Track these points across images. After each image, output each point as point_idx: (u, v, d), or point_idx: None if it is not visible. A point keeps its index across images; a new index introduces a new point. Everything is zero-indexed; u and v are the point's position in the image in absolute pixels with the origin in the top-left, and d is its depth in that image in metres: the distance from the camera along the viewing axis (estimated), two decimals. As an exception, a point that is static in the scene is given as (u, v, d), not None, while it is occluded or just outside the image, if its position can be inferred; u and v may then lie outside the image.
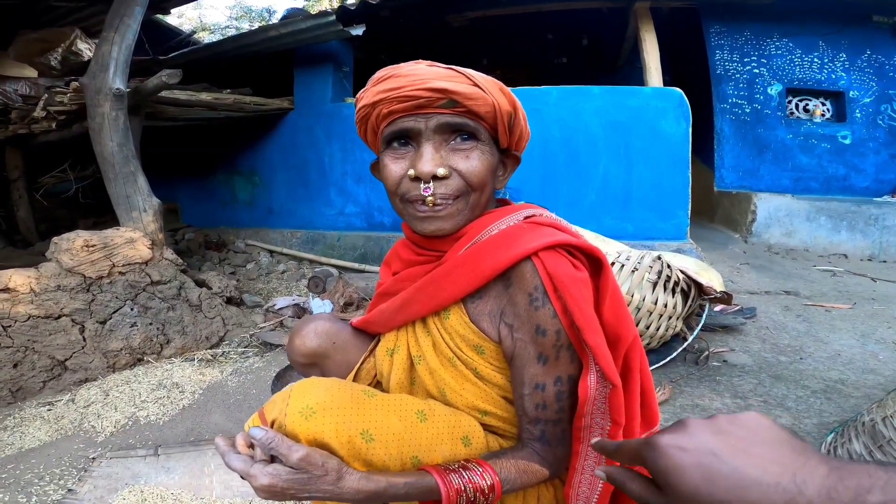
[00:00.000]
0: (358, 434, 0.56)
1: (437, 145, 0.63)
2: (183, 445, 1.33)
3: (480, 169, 0.64)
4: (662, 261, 1.47)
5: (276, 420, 0.57)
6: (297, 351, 0.79)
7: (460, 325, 0.66)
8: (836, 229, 3.81)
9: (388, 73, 0.65)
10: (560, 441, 0.64)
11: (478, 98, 0.62)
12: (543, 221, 0.67)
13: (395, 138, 0.65)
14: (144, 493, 1.12)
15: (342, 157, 3.63)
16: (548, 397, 0.62)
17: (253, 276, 3.10)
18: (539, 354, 0.62)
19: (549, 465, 0.64)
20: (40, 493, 1.13)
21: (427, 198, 0.62)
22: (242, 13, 12.66)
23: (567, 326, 0.60)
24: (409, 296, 0.69)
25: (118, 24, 2.11)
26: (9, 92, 2.38)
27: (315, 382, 0.59)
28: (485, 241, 0.65)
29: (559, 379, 0.62)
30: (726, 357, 1.81)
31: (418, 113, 0.62)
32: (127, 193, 2.14)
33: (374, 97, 0.64)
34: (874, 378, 1.64)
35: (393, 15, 4.05)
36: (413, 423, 0.60)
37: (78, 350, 1.79)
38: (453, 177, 0.63)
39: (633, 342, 0.64)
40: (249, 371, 1.84)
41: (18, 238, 3.72)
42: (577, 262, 0.62)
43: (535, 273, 0.60)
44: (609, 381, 0.59)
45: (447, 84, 0.61)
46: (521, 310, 0.62)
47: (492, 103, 0.63)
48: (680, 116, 3.09)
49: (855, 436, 1.07)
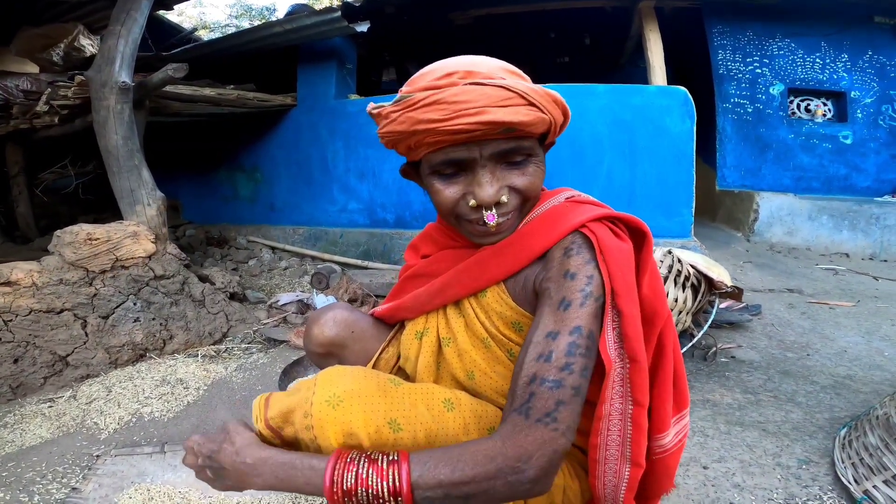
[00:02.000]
0: (386, 423, 0.54)
1: (493, 169, 0.58)
2: (189, 441, 1.32)
3: (536, 182, 0.62)
4: (673, 255, 1.46)
5: (300, 409, 0.55)
6: (315, 340, 0.78)
7: (498, 302, 0.64)
8: (837, 228, 3.82)
9: (428, 97, 0.55)
10: (548, 419, 0.49)
11: (537, 123, 0.57)
12: (584, 200, 0.66)
13: (444, 166, 0.60)
14: (151, 491, 1.09)
15: (345, 154, 3.62)
16: (557, 347, 0.52)
17: (255, 273, 3.09)
18: (562, 299, 0.55)
19: (512, 459, 0.47)
20: (43, 492, 1.11)
21: (490, 225, 0.60)
22: (243, 11, 12.63)
23: (607, 289, 0.57)
24: (449, 278, 0.67)
25: (125, 17, 2.10)
26: (10, 87, 2.36)
27: (341, 371, 0.58)
28: (532, 221, 0.64)
29: (577, 329, 0.53)
30: (734, 353, 1.81)
31: (470, 141, 0.56)
32: (131, 187, 2.12)
33: (413, 126, 0.56)
34: (881, 374, 1.64)
35: (397, 12, 4.04)
36: (441, 412, 0.59)
37: (80, 345, 1.77)
38: (511, 195, 0.61)
39: (667, 320, 0.62)
40: (254, 367, 1.83)
41: (18, 234, 3.69)
42: (621, 234, 0.61)
43: (579, 236, 0.59)
44: (630, 354, 0.55)
45: (505, 115, 0.54)
46: (554, 263, 0.59)
47: (549, 121, 0.59)
48: (684, 115, 3.09)
49: (870, 429, 1.07)
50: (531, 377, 0.52)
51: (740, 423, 1.31)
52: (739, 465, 1.12)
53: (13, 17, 2.99)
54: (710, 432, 1.26)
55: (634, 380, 0.56)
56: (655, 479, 0.64)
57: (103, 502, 1.07)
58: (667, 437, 0.63)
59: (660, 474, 0.64)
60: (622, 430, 0.58)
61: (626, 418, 0.58)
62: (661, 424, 0.62)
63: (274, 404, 0.58)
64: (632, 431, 0.58)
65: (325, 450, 0.54)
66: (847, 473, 1.02)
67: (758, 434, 1.25)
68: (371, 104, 0.63)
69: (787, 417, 1.34)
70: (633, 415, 0.57)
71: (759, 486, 1.04)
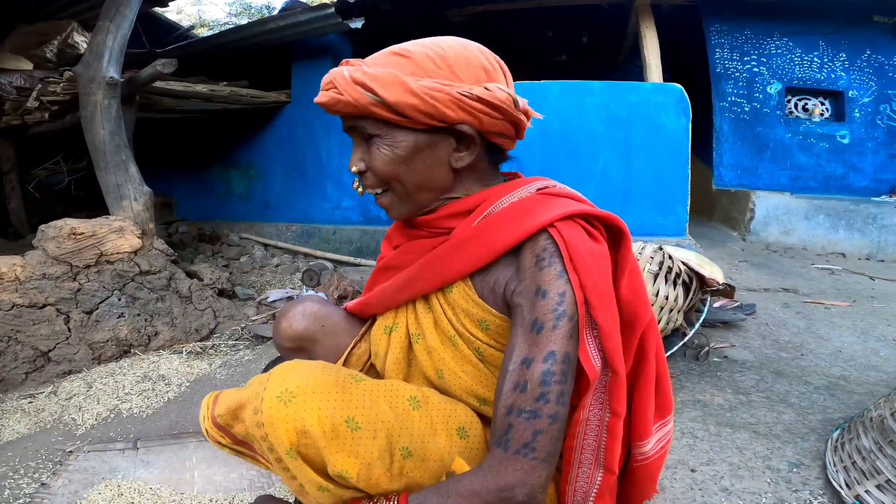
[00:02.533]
0: (343, 421, 0.51)
1: (358, 143, 0.64)
2: (163, 438, 1.29)
3: (378, 164, 0.61)
4: (664, 252, 1.43)
5: (250, 405, 0.52)
6: (284, 334, 0.75)
7: (464, 299, 0.61)
8: (834, 228, 3.80)
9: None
10: (527, 449, 0.50)
11: (335, 102, 0.60)
12: (558, 192, 0.62)
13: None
14: (122, 487, 1.07)
15: (339, 152, 3.60)
16: (531, 377, 0.52)
17: (246, 270, 3.06)
18: (534, 321, 0.54)
19: (495, 491, 0.49)
20: (13, 487, 1.09)
21: (357, 189, 0.66)
22: (242, 9, 12.59)
23: (580, 302, 0.54)
24: (413, 273, 0.65)
25: (114, 13, 2.08)
26: (3, 84, 2.34)
27: (297, 365, 0.55)
28: (496, 214, 0.61)
29: (551, 355, 0.52)
30: (727, 353, 1.78)
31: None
32: (118, 182, 2.10)
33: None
34: (876, 375, 1.62)
35: (393, 9, 4.02)
36: (405, 410, 0.56)
37: (62, 341, 1.74)
38: (368, 172, 0.64)
39: (649, 324, 0.59)
40: (239, 364, 1.80)
41: (10, 230, 3.67)
42: (596, 233, 0.58)
43: (549, 239, 0.56)
44: (610, 367, 0.54)
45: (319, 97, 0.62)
46: (525, 272, 0.56)
47: (347, 101, 0.59)
48: (680, 112, 3.06)
49: (863, 431, 1.04)
50: (508, 408, 0.52)
51: (731, 424, 1.29)
52: (728, 468, 1.09)
53: (7, 15, 2.96)
54: (699, 434, 1.24)
55: (612, 391, 0.55)
56: (637, 486, 0.63)
57: (72, 498, 1.04)
58: (648, 444, 0.61)
59: (642, 481, 0.62)
60: (598, 435, 0.57)
61: (604, 425, 0.57)
62: (643, 431, 0.60)
63: (223, 401, 0.56)
64: (607, 439, 0.57)
65: (276, 448, 0.51)
66: (839, 477, 0.99)
67: (748, 436, 1.22)
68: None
69: (778, 419, 1.31)
70: (609, 424, 0.56)
71: (747, 490, 1.01)
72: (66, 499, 1.04)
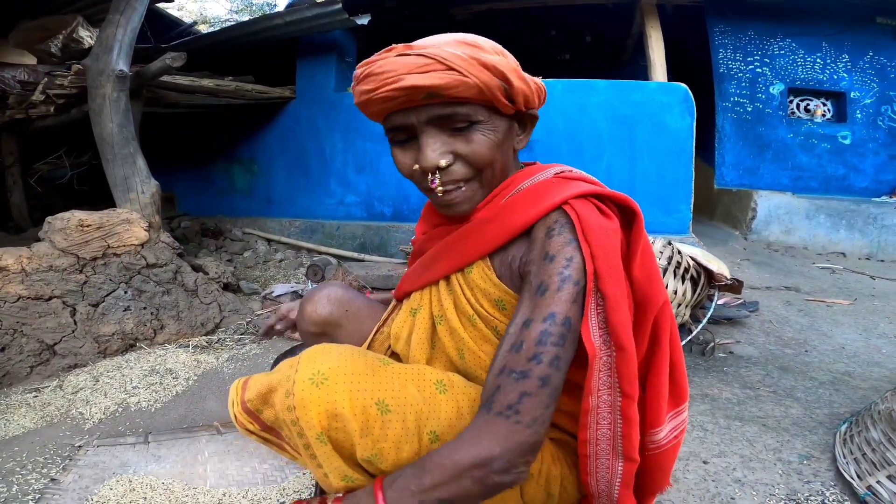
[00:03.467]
0: (373, 404, 0.51)
1: (435, 134, 0.59)
2: (175, 432, 1.28)
3: (483, 150, 0.59)
4: (673, 247, 1.44)
5: (281, 388, 0.52)
6: (309, 319, 0.75)
7: (482, 279, 0.62)
8: (834, 228, 3.82)
9: (364, 70, 0.60)
10: (510, 411, 0.48)
11: (457, 86, 0.56)
12: (574, 176, 0.63)
13: (394, 131, 0.62)
14: (133, 482, 1.05)
15: (343, 147, 3.59)
16: (528, 336, 0.51)
17: (250, 265, 3.06)
18: (539, 284, 0.53)
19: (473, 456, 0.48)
20: (21, 483, 1.07)
21: (437, 189, 0.60)
22: (243, 6, 12.55)
23: (589, 273, 0.53)
24: (435, 252, 0.66)
25: (124, 6, 2.08)
26: (7, 78, 2.33)
27: (327, 348, 0.55)
28: (515, 196, 0.62)
29: (551, 316, 0.51)
30: (732, 349, 1.79)
31: (407, 108, 0.58)
32: (125, 175, 2.09)
33: (360, 98, 0.61)
34: (880, 371, 1.63)
35: (398, 6, 4.02)
36: (432, 394, 0.55)
37: (68, 334, 1.74)
38: (457, 163, 0.60)
39: (663, 307, 0.58)
40: (246, 358, 1.80)
41: (11, 224, 3.65)
42: (608, 211, 0.58)
43: (562, 214, 0.57)
44: (615, 341, 0.52)
45: (419, 80, 0.55)
46: (536, 243, 0.57)
47: (474, 84, 0.56)
48: (685, 111, 3.07)
49: (872, 424, 1.05)
50: (500, 369, 0.51)
51: (740, 417, 1.29)
52: (740, 459, 1.10)
53: (12, 9, 2.95)
54: (709, 427, 1.24)
55: (621, 369, 0.53)
56: (649, 476, 0.61)
57: (83, 493, 1.03)
58: (661, 432, 0.59)
59: (654, 472, 0.61)
60: (612, 423, 0.55)
61: (616, 411, 0.55)
62: (656, 419, 0.58)
63: (253, 385, 0.55)
64: (622, 425, 0.55)
65: (306, 432, 0.51)
66: (849, 469, 1.00)
67: (757, 429, 1.23)
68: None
69: (786, 413, 1.32)
70: (622, 407, 0.54)
71: (760, 482, 1.02)
72: (77, 494, 1.02)
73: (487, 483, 0.48)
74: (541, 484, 0.60)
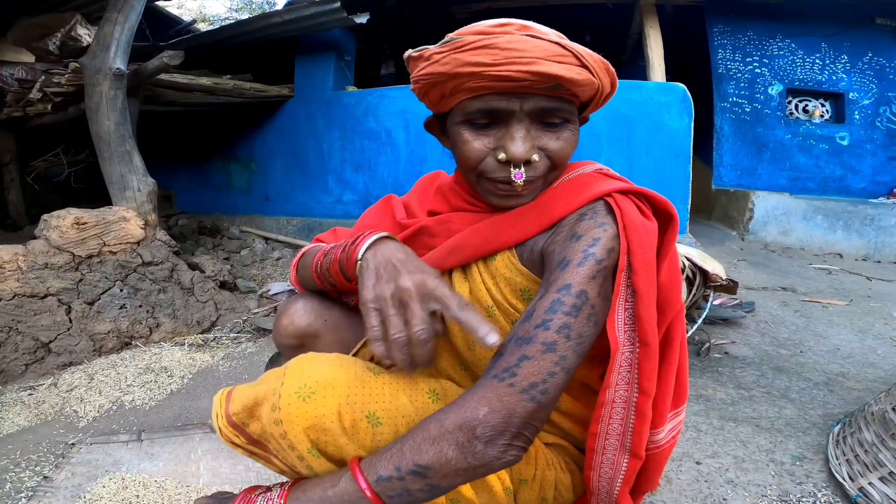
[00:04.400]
0: (363, 417, 0.49)
1: (528, 126, 0.56)
2: (168, 430, 1.28)
3: (569, 150, 0.59)
4: (668, 247, 1.44)
5: (267, 401, 0.50)
6: (285, 332, 0.71)
7: (507, 267, 0.60)
8: (831, 229, 3.83)
9: (480, 40, 0.53)
10: (506, 374, 0.46)
11: (586, 84, 0.55)
12: (613, 174, 0.63)
13: (479, 114, 0.57)
14: (126, 480, 1.05)
15: (341, 146, 3.59)
16: (540, 305, 0.50)
17: (247, 263, 3.05)
18: (562, 259, 0.52)
19: (458, 418, 0.45)
20: (15, 480, 1.07)
21: (517, 183, 0.56)
22: (243, 4, 12.51)
23: (622, 268, 0.53)
24: (462, 239, 0.62)
25: (122, 4, 2.07)
26: (5, 76, 2.33)
27: (314, 359, 0.52)
28: (557, 187, 0.60)
29: (567, 287, 0.50)
30: (727, 349, 1.80)
31: (513, 92, 0.54)
32: (122, 173, 2.09)
33: (457, 68, 0.54)
34: (874, 372, 1.63)
35: (398, 5, 4.01)
36: (424, 403, 0.53)
37: (63, 332, 1.74)
38: (541, 158, 0.58)
39: (678, 312, 0.58)
40: (242, 356, 1.80)
41: (8, 222, 3.65)
42: (647, 212, 0.58)
43: (600, 204, 0.56)
44: (641, 338, 0.52)
45: (557, 69, 0.52)
46: (565, 226, 0.56)
47: (598, 86, 0.56)
48: (683, 111, 3.07)
49: (865, 425, 1.05)
50: (509, 338, 0.50)
51: (733, 418, 1.30)
52: (733, 460, 1.10)
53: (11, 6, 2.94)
54: (703, 427, 1.25)
55: (643, 366, 0.53)
56: (644, 475, 0.62)
57: (76, 491, 1.03)
58: (662, 432, 0.60)
59: (649, 471, 0.61)
60: (625, 418, 0.55)
61: (631, 406, 0.55)
62: (659, 419, 0.59)
63: (237, 398, 0.53)
64: (634, 421, 0.55)
65: (297, 446, 0.49)
66: (842, 470, 1.00)
67: (751, 430, 1.23)
68: (409, 50, 0.61)
69: (780, 413, 1.32)
70: (638, 403, 0.54)
71: (752, 483, 1.02)
72: (70, 492, 1.02)
73: (469, 451, 0.44)
74: (535, 489, 0.61)
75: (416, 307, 0.49)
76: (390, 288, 0.50)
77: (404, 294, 0.49)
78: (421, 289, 0.49)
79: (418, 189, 0.79)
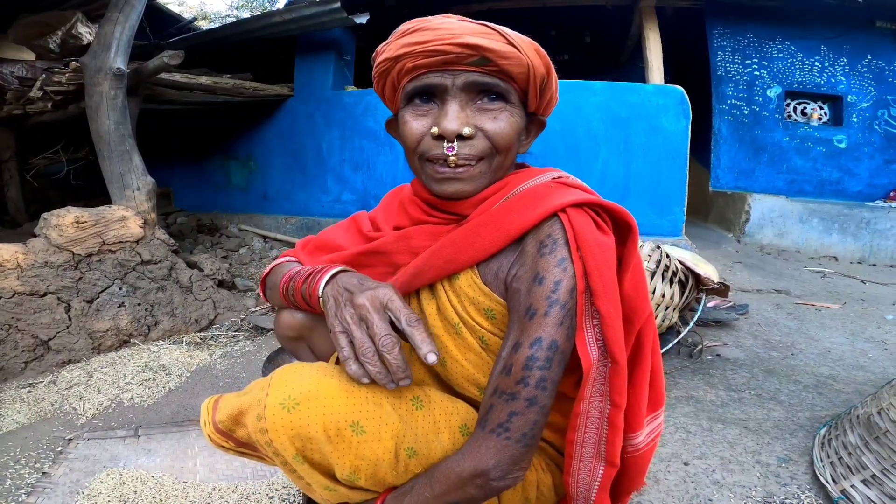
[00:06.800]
0: (347, 426, 0.51)
1: (462, 104, 0.59)
2: (165, 426, 1.29)
3: (508, 131, 0.60)
4: (661, 250, 1.46)
5: (252, 411, 0.52)
6: (285, 324, 0.74)
7: (470, 287, 0.61)
8: (827, 231, 3.84)
9: (416, 25, 0.60)
10: (501, 429, 0.53)
11: (512, 57, 0.57)
12: (571, 183, 0.64)
13: (417, 94, 0.61)
14: (123, 476, 1.07)
15: (340, 145, 3.60)
16: (517, 360, 0.54)
17: (245, 261, 3.07)
18: (528, 307, 0.54)
19: (471, 469, 0.52)
20: (15, 477, 1.09)
21: (450, 157, 0.58)
22: (244, 2, 12.49)
23: (580, 290, 0.55)
24: (424, 261, 0.63)
25: (122, 4, 2.08)
26: (5, 74, 2.34)
27: (297, 369, 0.54)
28: (512, 199, 0.61)
29: (538, 341, 0.53)
30: (719, 351, 1.81)
31: (446, 69, 0.58)
32: (121, 172, 2.10)
33: (399, 50, 0.59)
34: (864, 375, 1.65)
35: (398, 4, 4.01)
36: (408, 410, 0.56)
37: (62, 330, 1.75)
38: (478, 137, 0.59)
39: (647, 319, 0.59)
40: (240, 355, 1.82)
41: (7, 218, 3.66)
42: (603, 225, 0.58)
43: (556, 226, 0.57)
44: (610, 356, 0.55)
45: (480, 40, 0.56)
46: (527, 257, 0.57)
47: (526, 64, 0.58)
48: (680, 114, 3.09)
49: (850, 428, 1.07)
50: (493, 390, 0.55)
51: (722, 420, 1.32)
52: (720, 461, 1.12)
53: (12, 4, 2.94)
54: (692, 429, 1.27)
55: (613, 382, 0.56)
56: (627, 477, 0.64)
57: (74, 487, 1.04)
58: (639, 436, 0.62)
59: (631, 473, 0.63)
60: (599, 428, 0.58)
61: (604, 417, 0.57)
62: (635, 424, 0.61)
63: (223, 407, 0.55)
64: (608, 431, 0.57)
65: (282, 453, 0.51)
66: (825, 472, 1.02)
67: (739, 431, 1.25)
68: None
69: (768, 415, 1.34)
70: (610, 415, 0.57)
71: (738, 484, 1.04)
72: (68, 488, 1.03)
73: (488, 488, 0.53)
74: (517, 489, 0.63)
75: (375, 318, 0.52)
76: (349, 310, 0.54)
77: (361, 310, 0.53)
78: (374, 302, 0.53)
79: (384, 204, 0.80)
